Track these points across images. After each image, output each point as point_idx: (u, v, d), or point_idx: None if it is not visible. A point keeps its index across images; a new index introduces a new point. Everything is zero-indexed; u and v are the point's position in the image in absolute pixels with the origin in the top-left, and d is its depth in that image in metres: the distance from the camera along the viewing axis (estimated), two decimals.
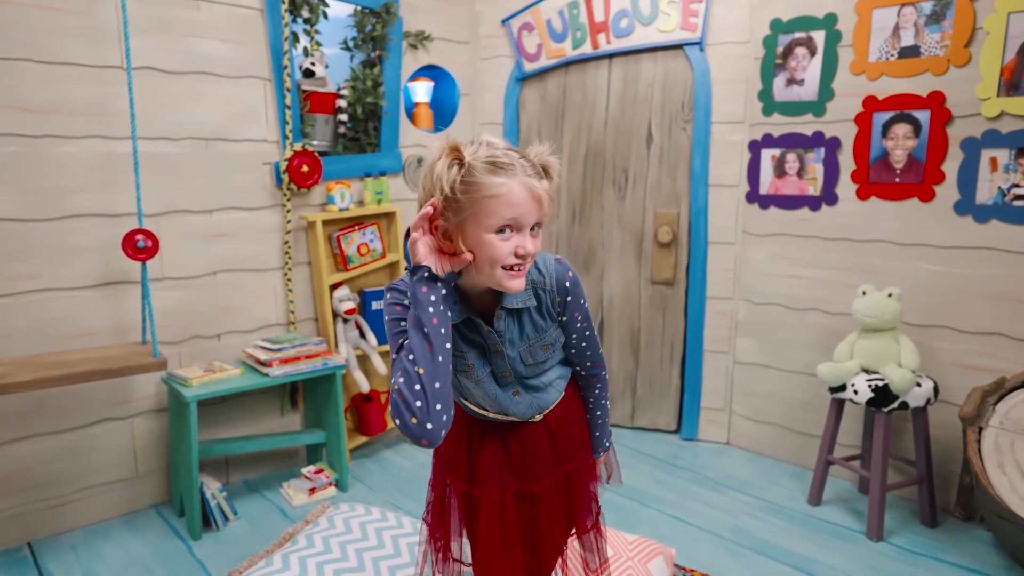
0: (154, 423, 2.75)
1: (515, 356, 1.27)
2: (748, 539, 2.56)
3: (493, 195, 1.08)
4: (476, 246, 1.12)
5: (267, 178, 2.92)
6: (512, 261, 1.12)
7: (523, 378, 1.31)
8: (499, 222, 1.10)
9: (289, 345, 2.77)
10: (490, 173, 1.09)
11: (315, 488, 2.85)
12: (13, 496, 2.44)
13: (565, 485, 1.38)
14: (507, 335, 1.25)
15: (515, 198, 1.09)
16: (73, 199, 2.44)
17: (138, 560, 2.40)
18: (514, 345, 1.26)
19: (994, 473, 2.18)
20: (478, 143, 1.13)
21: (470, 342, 1.25)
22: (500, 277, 1.14)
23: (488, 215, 1.09)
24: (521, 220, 1.11)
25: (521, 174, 1.10)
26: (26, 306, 2.39)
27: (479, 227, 1.10)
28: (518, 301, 1.24)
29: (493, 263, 1.12)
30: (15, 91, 2.29)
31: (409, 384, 1.06)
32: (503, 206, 1.09)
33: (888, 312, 2.56)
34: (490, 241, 1.11)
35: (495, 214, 1.09)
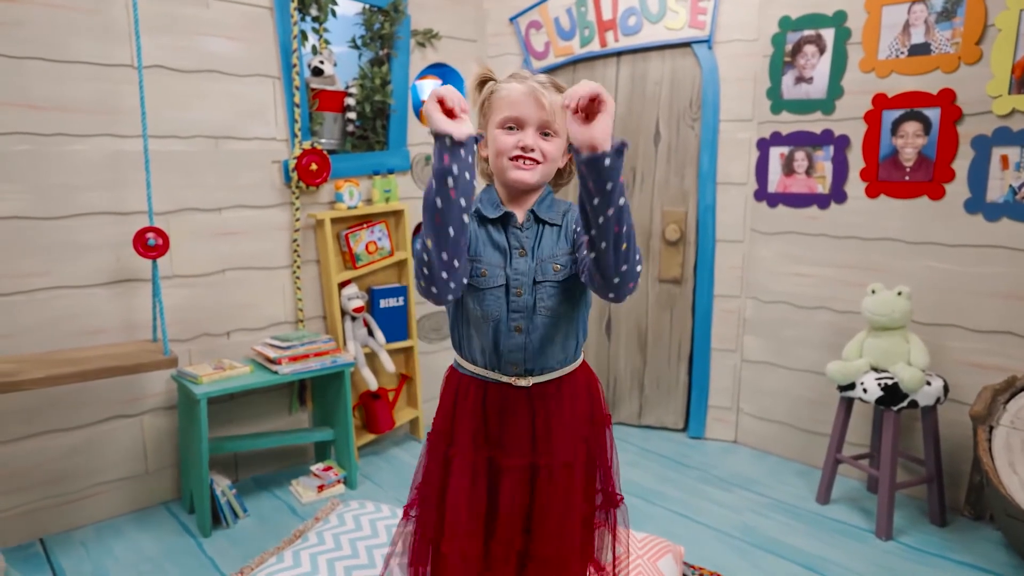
0: (164, 420, 2.76)
1: (530, 267, 1.31)
2: (756, 537, 2.56)
3: (501, 96, 1.29)
4: (491, 142, 1.30)
5: (276, 176, 2.93)
6: (515, 152, 1.27)
7: (530, 311, 1.30)
8: (502, 116, 1.28)
9: (298, 343, 2.78)
10: (508, 81, 1.31)
11: (324, 486, 2.86)
12: (25, 492, 2.45)
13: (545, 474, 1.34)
14: (532, 242, 1.33)
15: (516, 97, 1.26)
16: (83, 197, 2.45)
17: (149, 557, 2.41)
18: (532, 255, 1.33)
19: (1005, 472, 2.18)
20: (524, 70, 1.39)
21: (495, 246, 1.32)
22: (508, 169, 1.29)
23: (496, 111, 1.29)
24: (522, 118, 1.27)
25: (531, 81, 1.28)
26: (37, 304, 2.40)
27: (492, 124, 1.30)
28: (545, 213, 1.34)
29: (499, 155, 1.29)
30: (25, 89, 2.30)
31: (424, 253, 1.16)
32: (506, 104, 1.28)
33: (898, 310, 2.55)
34: (497, 135, 1.29)
35: (500, 110, 1.28)
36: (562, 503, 1.34)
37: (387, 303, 3.25)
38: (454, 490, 1.34)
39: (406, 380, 3.43)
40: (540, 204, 1.35)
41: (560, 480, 1.34)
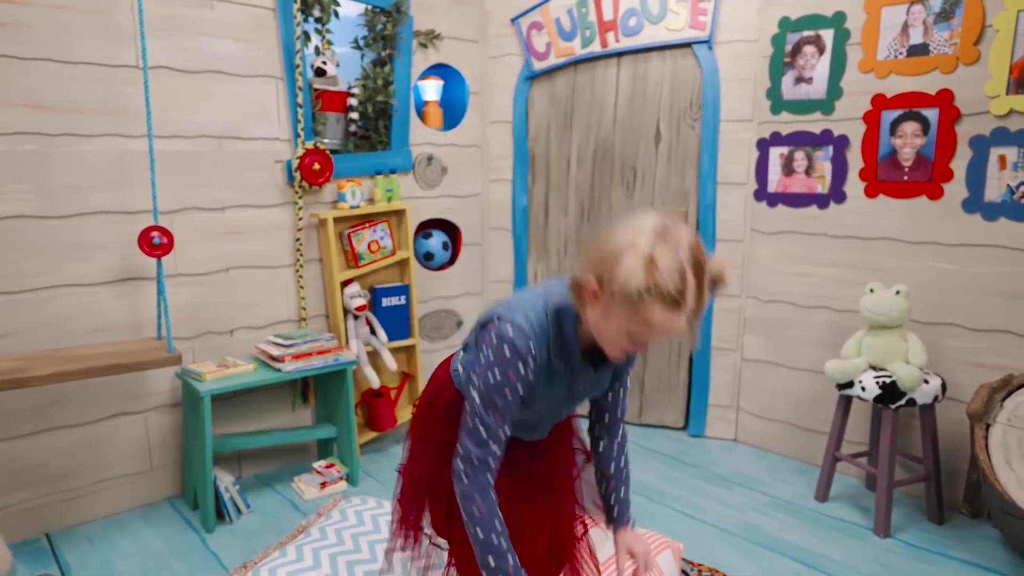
0: (167, 418, 2.79)
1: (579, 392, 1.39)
2: (756, 535, 2.58)
3: (650, 320, 1.12)
4: (609, 323, 1.17)
5: (279, 176, 2.96)
6: (628, 350, 1.22)
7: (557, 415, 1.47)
8: (641, 331, 1.15)
9: (301, 341, 2.80)
10: (661, 302, 1.10)
11: (326, 482, 2.88)
12: (31, 488, 2.48)
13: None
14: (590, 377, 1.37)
15: (664, 330, 1.14)
16: (89, 197, 2.48)
17: (153, 552, 2.44)
18: (587, 383, 1.38)
19: (1001, 469, 2.19)
20: (674, 246, 1.11)
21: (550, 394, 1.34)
22: (611, 351, 1.23)
23: (635, 323, 1.14)
24: (654, 341, 1.18)
25: (686, 309, 1.12)
26: (43, 302, 2.43)
27: (621, 319, 1.15)
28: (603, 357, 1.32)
29: (610, 343, 1.21)
30: (32, 90, 2.33)
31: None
32: (650, 330, 1.14)
33: (896, 309, 2.57)
34: (620, 333, 1.17)
35: (639, 329, 1.15)
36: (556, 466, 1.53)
37: (389, 302, 3.27)
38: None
39: (408, 378, 3.45)
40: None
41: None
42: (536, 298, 1.30)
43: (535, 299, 1.30)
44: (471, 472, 1.28)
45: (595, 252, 1.18)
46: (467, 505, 1.29)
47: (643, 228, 1.13)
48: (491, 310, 1.33)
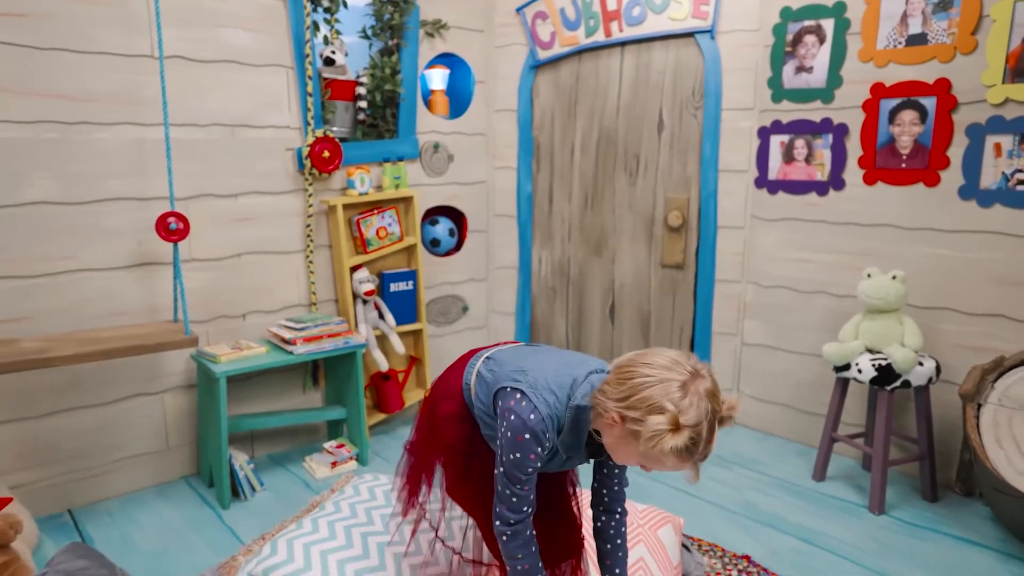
0: (183, 399, 2.87)
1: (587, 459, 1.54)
2: (755, 512, 2.65)
3: (662, 464, 1.27)
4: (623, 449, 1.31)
5: (290, 163, 3.02)
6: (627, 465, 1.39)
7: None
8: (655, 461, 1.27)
9: (312, 324, 2.88)
10: (675, 455, 1.22)
11: (337, 462, 2.97)
12: (53, 466, 2.57)
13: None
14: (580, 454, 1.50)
15: (676, 469, 1.28)
16: (107, 183, 2.55)
17: (172, 526, 2.53)
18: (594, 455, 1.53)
19: (991, 448, 2.27)
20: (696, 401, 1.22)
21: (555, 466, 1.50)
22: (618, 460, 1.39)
23: (648, 461, 1.28)
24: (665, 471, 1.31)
25: (696, 457, 1.25)
26: (63, 286, 2.51)
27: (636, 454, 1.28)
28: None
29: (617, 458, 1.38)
30: (53, 79, 2.39)
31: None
32: (663, 466, 1.28)
33: (892, 294, 2.63)
34: (628, 458, 1.33)
35: (653, 463, 1.28)
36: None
37: (397, 287, 3.35)
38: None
39: (415, 362, 3.53)
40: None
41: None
42: (561, 387, 1.40)
43: (560, 386, 1.40)
44: (511, 533, 1.43)
45: (622, 388, 1.28)
46: (512, 563, 1.44)
47: (669, 383, 1.24)
48: (512, 373, 1.43)
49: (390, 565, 1.94)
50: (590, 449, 1.47)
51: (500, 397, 1.42)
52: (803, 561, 2.33)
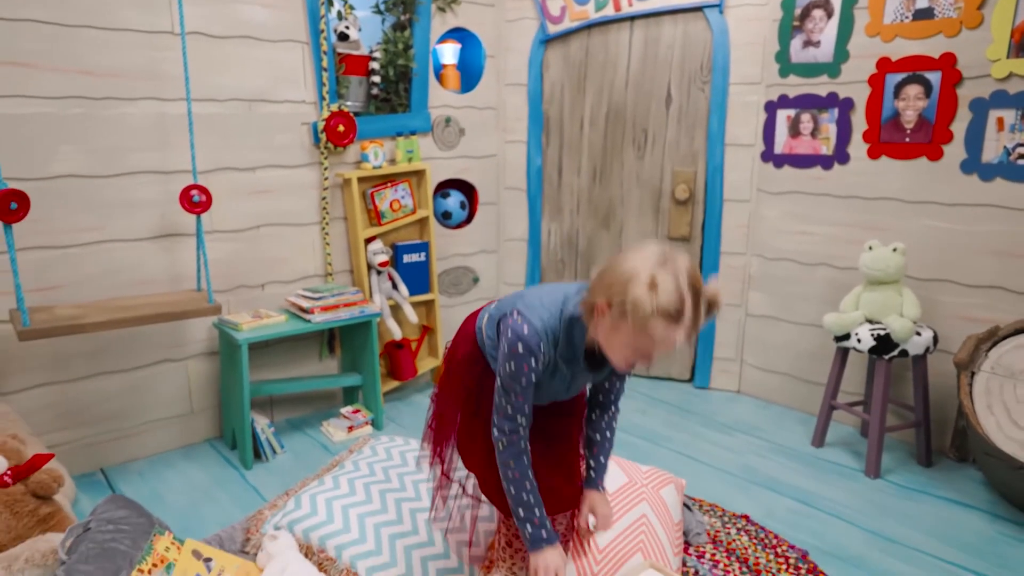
0: (205, 365, 2.99)
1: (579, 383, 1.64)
2: (754, 475, 2.76)
3: (652, 334, 1.30)
4: (616, 338, 1.36)
5: (306, 137, 3.10)
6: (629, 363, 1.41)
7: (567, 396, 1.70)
8: (643, 346, 1.33)
9: (328, 294, 2.98)
10: (662, 319, 1.27)
11: (353, 427, 3.09)
12: (87, 427, 2.70)
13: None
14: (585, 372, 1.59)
15: (665, 343, 1.31)
16: (132, 157, 2.64)
17: (199, 485, 2.67)
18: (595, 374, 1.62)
19: (983, 414, 2.36)
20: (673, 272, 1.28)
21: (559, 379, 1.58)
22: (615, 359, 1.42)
23: (639, 338, 1.31)
24: (655, 354, 1.35)
25: (684, 324, 1.29)
26: (93, 255, 2.61)
27: (627, 335, 1.33)
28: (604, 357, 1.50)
29: (616, 355, 1.40)
30: (79, 56, 2.47)
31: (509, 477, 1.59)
32: (652, 343, 1.32)
33: (892, 266, 2.70)
34: (626, 347, 1.36)
35: (643, 343, 1.32)
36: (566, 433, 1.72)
37: (410, 258, 3.44)
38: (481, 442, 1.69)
39: (428, 331, 3.64)
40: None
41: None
42: (554, 303, 1.49)
43: (553, 303, 1.50)
44: (506, 442, 1.54)
45: (604, 278, 1.37)
46: (504, 469, 1.55)
47: (646, 257, 1.31)
48: (512, 300, 1.55)
49: (407, 519, 2.07)
50: (591, 364, 1.55)
51: (501, 322, 1.54)
52: (799, 520, 2.44)
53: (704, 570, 2.16)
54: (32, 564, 1.75)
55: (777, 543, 2.29)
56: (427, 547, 2.00)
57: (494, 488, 1.68)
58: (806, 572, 2.15)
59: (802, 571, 2.15)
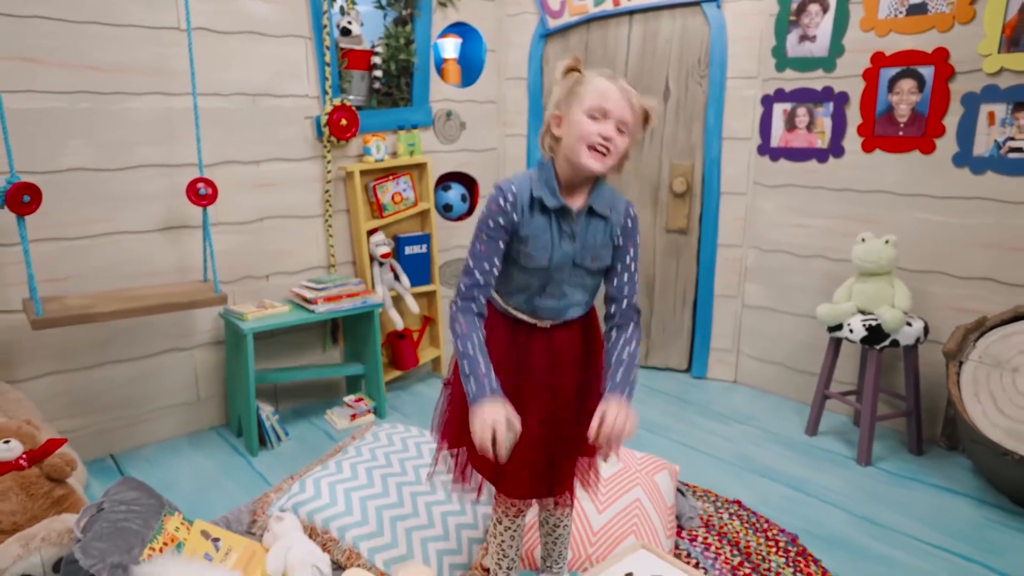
0: (211, 355, 3.06)
1: (575, 251, 1.52)
2: (748, 463, 2.83)
3: (594, 87, 1.42)
4: (573, 124, 1.43)
5: (309, 131, 3.16)
6: (596, 141, 1.41)
7: (563, 283, 1.56)
8: (592, 105, 1.41)
9: (332, 285, 3.04)
10: (599, 75, 1.44)
11: (356, 415, 3.16)
12: (97, 414, 2.78)
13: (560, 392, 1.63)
14: (582, 229, 1.51)
15: (611, 94, 1.41)
16: (138, 151, 2.70)
17: (206, 471, 2.74)
18: (579, 240, 1.52)
19: (970, 402, 2.41)
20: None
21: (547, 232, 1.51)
22: (584, 155, 1.42)
23: (585, 99, 1.42)
24: (611, 111, 1.41)
25: (622, 82, 1.44)
26: (101, 247, 2.68)
27: (579, 108, 1.42)
28: (600, 207, 1.51)
29: (580, 139, 1.42)
30: (86, 52, 2.52)
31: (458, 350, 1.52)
32: (599, 96, 1.41)
33: (884, 257, 2.75)
34: (581, 120, 1.42)
35: (590, 99, 1.42)
36: (574, 411, 1.63)
37: (412, 250, 3.50)
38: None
39: (429, 322, 3.70)
40: (595, 197, 1.50)
41: (568, 394, 1.63)
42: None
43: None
44: (458, 299, 1.54)
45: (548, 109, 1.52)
46: (453, 325, 1.53)
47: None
48: None
49: (407, 502, 2.13)
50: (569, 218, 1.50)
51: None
52: (791, 506, 2.50)
53: (696, 552, 2.22)
54: (48, 543, 1.82)
55: (768, 527, 2.36)
56: (427, 529, 2.07)
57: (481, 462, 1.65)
58: (795, 555, 2.21)
59: (791, 554, 2.22)
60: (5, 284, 2.47)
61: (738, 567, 2.15)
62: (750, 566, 2.16)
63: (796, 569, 2.14)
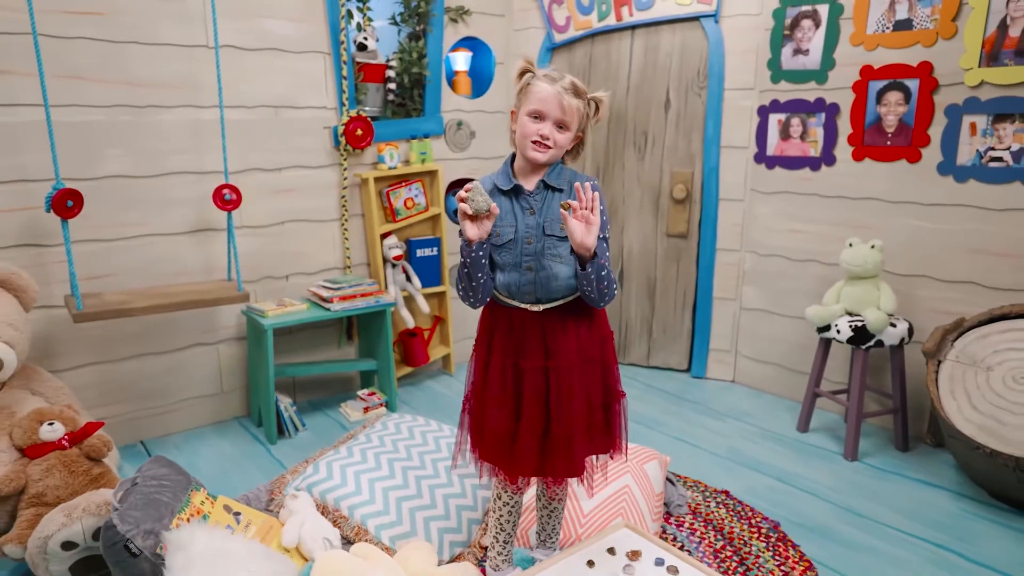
0: (234, 349, 3.27)
1: (540, 223, 1.69)
2: (739, 457, 2.97)
3: (534, 92, 1.65)
4: (520, 123, 1.68)
5: (326, 141, 3.36)
6: (535, 137, 1.65)
7: (539, 255, 1.69)
8: (531, 108, 1.66)
9: (347, 285, 3.24)
10: (540, 79, 1.66)
11: (369, 408, 3.35)
12: (128, 403, 2.99)
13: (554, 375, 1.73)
14: (540, 204, 1.71)
15: (545, 96, 1.64)
16: (170, 159, 2.92)
17: (229, 457, 2.94)
18: (542, 214, 1.69)
19: (946, 399, 2.53)
20: (556, 71, 1.71)
21: (508, 211, 1.70)
22: (527, 148, 1.67)
23: (528, 102, 1.67)
24: (545, 112, 1.64)
25: (559, 86, 1.64)
26: (136, 248, 2.90)
27: (522, 111, 1.68)
28: (555, 182, 1.71)
29: (524, 136, 1.66)
30: (125, 69, 2.75)
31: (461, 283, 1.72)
32: (536, 100, 1.65)
33: (870, 261, 2.88)
34: (524, 121, 1.67)
35: (531, 103, 1.66)
36: (567, 393, 1.73)
37: (423, 252, 3.69)
38: (491, 381, 1.77)
39: (439, 321, 3.89)
40: (550, 174, 1.71)
41: (564, 377, 1.73)
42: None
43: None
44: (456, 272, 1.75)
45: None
46: (456, 285, 1.75)
47: None
48: None
49: (412, 484, 2.31)
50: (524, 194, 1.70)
51: None
52: (776, 497, 2.64)
53: (682, 537, 2.37)
54: (88, 513, 2.03)
55: (752, 515, 2.50)
56: (430, 509, 2.25)
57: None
58: (776, 540, 2.35)
59: (772, 539, 2.36)
60: (49, 281, 2.69)
61: (720, 550, 2.30)
62: (731, 549, 2.30)
63: (776, 553, 2.28)
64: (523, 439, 1.74)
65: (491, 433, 1.76)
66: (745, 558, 2.26)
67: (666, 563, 1.86)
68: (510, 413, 1.75)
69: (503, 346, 1.76)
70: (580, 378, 1.74)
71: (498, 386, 1.76)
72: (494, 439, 1.76)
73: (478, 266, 1.66)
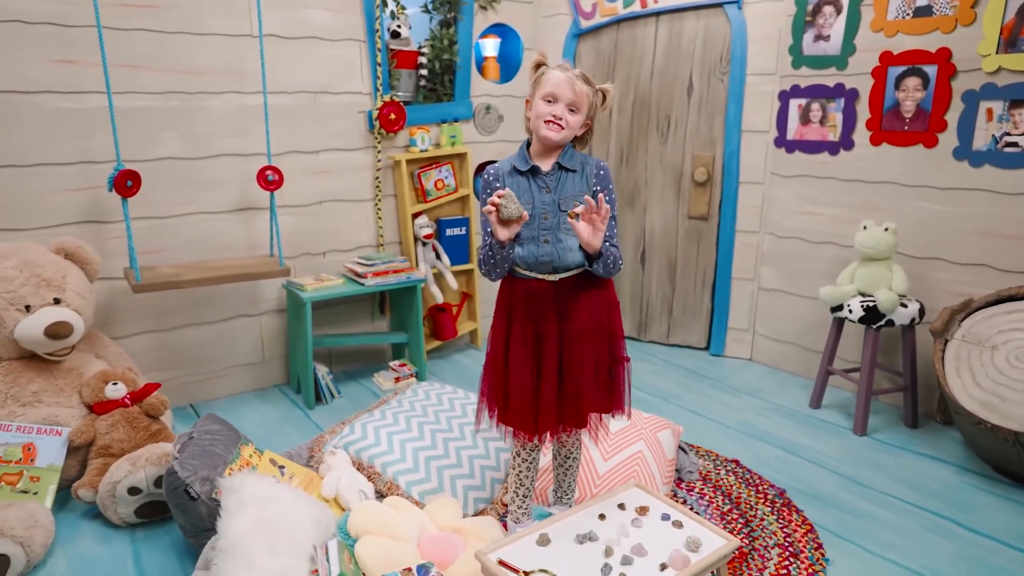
0: (275, 321, 3.49)
1: (555, 200, 1.86)
2: (750, 429, 3.10)
3: (547, 78, 1.84)
4: (535, 107, 1.86)
5: (361, 124, 3.54)
6: (548, 117, 1.82)
7: (555, 229, 1.86)
8: (545, 92, 1.83)
9: (380, 262, 3.43)
10: (555, 69, 1.85)
11: (399, 378, 3.55)
12: (180, 368, 3.24)
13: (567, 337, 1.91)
14: (555, 183, 1.88)
15: (558, 80, 1.82)
16: (217, 142, 3.12)
17: (270, 420, 3.17)
18: (557, 192, 1.88)
19: (951, 376, 2.63)
20: (567, 63, 1.90)
21: (525, 189, 1.88)
22: (541, 128, 1.83)
23: (542, 88, 1.84)
24: (559, 95, 1.81)
25: (571, 73, 1.83)
26: (187, 225, 3.12)
27: (537, 95, 1.85)
28: (568, 163, 1.88)
29: (538, 116, 1.84)
30: (176, 58, 2.95)
31: (486, 265, 1.91)
32: (550, 84, 1.83)
33: (883, 244, 2.97)
34: (538, 103, 1.85)
35: (545, 87, 1.83)
36: (578, 354, 1.92)
37: (452, 232, 3.86)
38: (513, 347, 1.95)
39: (467, 297, 4.07)
40: (563, 156, 1.89)
41: (576, 340, 1.92)
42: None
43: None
44: (480, 254, 1.92)
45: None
46: (480, 267, 1.95)
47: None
48: None
49: (439, 445, 2.50)
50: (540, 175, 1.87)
51: None
52: (784, 467, 2.78)
53: (691, 500, 2.53)
54: (150, 463, 2.26)
55: (760, 482, 2.64)
56: (456, 468, 2.43)
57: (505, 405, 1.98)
58: (781, 506, 2.49)
59: (777, 505, 2.50)
60: (110, 255, 2.93)
61: (727, 513, 2.45)
62: (737, 512, 2.45)
63: (779, 517, 2.43)
64: (544, 395, 1.93)
65: (516, 392, 1.94)
66: (750, 520, 2.41)
67: (672, 518, 2.01)
68: (531, 374, 1.94)
69: (523, 315, 1.93)
70: (590, 341, 1.93)
71: (520, 351, 1.93)
72: (518, 397, 1.94)
73: (507, 260, 1.87)
